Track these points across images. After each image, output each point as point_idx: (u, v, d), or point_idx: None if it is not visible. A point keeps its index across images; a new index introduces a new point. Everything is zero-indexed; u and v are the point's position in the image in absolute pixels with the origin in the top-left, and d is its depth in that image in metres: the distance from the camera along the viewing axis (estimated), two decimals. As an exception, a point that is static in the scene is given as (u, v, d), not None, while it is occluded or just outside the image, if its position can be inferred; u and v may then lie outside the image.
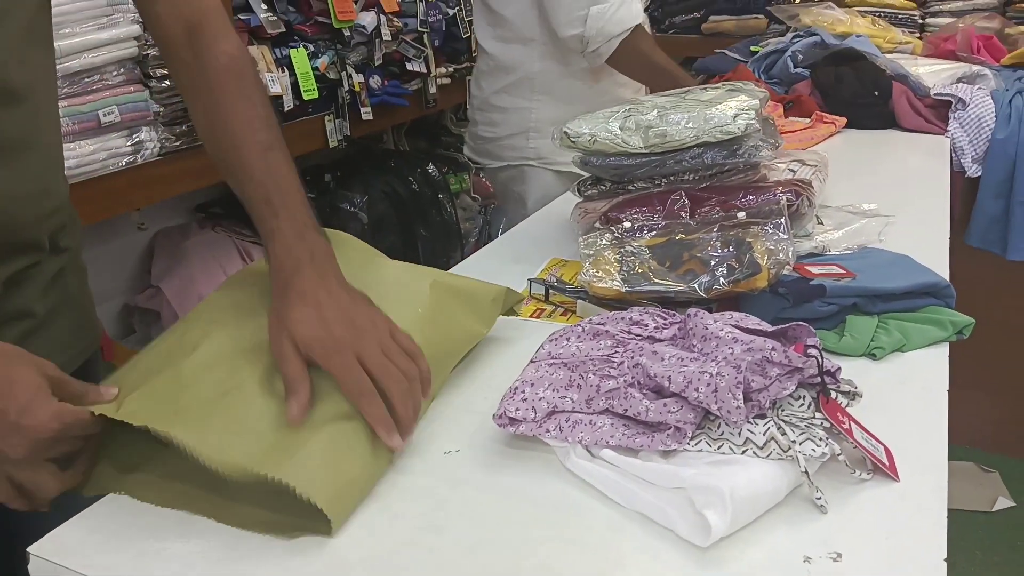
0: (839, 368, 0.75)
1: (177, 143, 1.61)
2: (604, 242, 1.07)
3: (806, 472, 0.67)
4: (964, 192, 2.12)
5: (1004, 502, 2.15)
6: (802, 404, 0.72)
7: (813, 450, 0.68)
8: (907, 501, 0.69)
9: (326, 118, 1.93)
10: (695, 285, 0.95)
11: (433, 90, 2.32)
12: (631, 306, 0.90)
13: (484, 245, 1.46)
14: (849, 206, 1.31)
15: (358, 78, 1.98)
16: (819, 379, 0.72)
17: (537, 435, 0.74)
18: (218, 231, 1.99)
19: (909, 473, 0.72)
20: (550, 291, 1.11)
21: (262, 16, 1.78)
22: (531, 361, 0.83)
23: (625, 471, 0.69)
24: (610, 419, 0.74)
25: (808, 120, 1.90)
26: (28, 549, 0.65)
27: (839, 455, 0.69)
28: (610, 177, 1.20)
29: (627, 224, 1.10)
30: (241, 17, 1.75)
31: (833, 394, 0.74)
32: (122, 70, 1.48)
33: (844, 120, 1.93)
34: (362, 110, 2.00)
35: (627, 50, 1.57)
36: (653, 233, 1.07)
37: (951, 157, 1.97)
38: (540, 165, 1.69)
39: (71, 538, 0.67)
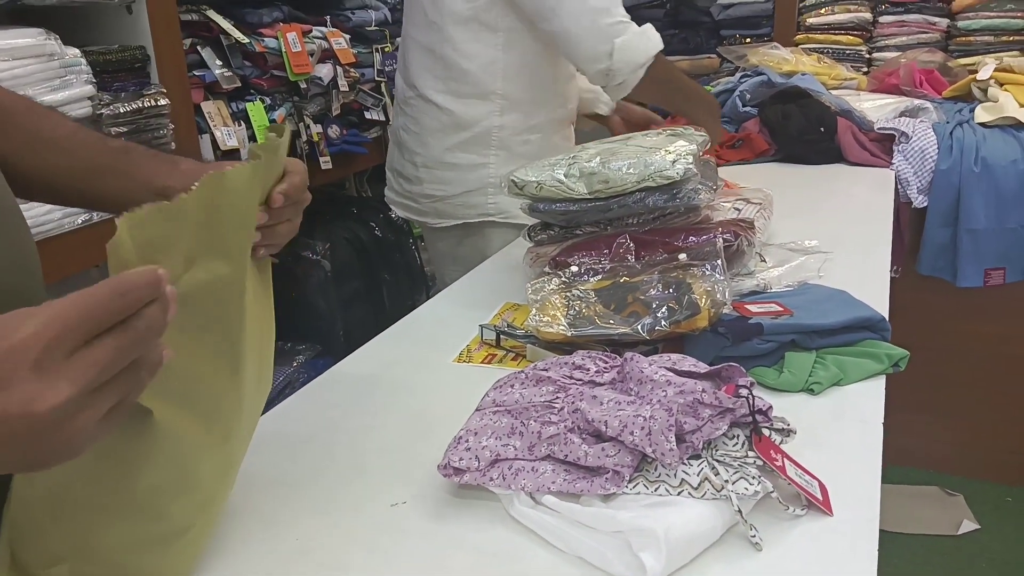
0: (770, 406, 0.77)
1: (134, 199, 1.62)
2: (552, 287, 1.09)
3: (739, 511, 0.68)
4: (913, 222, 2.18)
5: (969, 525, 2.18)
6: (736, 443, 0.74)
7: (746, 489, 0.70)
8: (841, 535, 0.71)
9: (284, 169, 1.95)
10: (638, 327, 0.97)
11: (392, 137, 2.36)
12: (577, 349, 0.92)
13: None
14: (791, 243, 1.35)
15: (316, 128, 2.01)
16: (751, 418, 0.74)
17: (481, 484, 0.76)
18: (179, 284, 1.99)
19: (843, 507, 0.74)
20: (501, 336, 1.13)
21: (217, 72, 1.81)
22: (476, 409, 0.84)
23: (566, 516, 0.71)
24: (552, 465, 0.75)
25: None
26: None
27: (772, 493, 0.71)
28: (558, 222, 1.23)
29: (574, 268, 1.13)
30: (196, 73, 1.78)
31: (767, 431, 0.76)
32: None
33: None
34: (321, 160, 2.02)
35: (652, 77, 1.56)
36: (599, 276, 1.10)
37: (897, 189, 2.03)
38: (503, 220, 1.65)
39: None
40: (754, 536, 0.69)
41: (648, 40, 1.55)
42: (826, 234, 1.42)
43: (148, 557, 0.65)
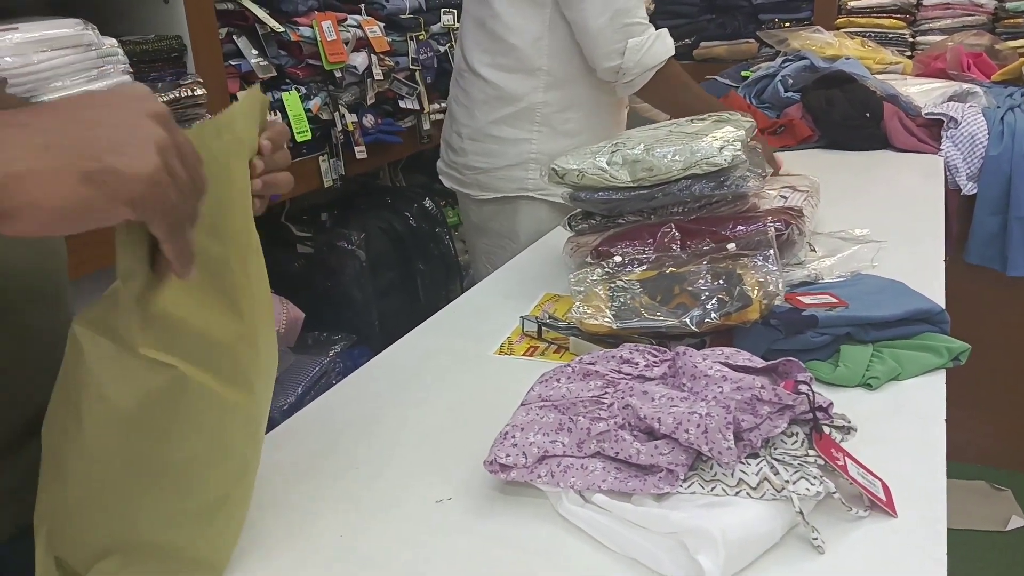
0: (831, 403, 0.74)
1: (171, 189, 1.62)
2: (595, 277, 1.07)
3: (801, 512, 0.66)
4: (961, 210, 2.11)
5: (1017, 520, 2.12)
6: (795, 441, 0.71)
7: (807, 489, 0.67)
8: (905, 536, 0.68)
9: (320, 158, 1.94)
10: (686, 319, 0.94)
11: (427, 126, 2.33)
12: (623, 342, 0.90)
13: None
14: (841, 232, 1.31)
15: (351, 118, 1.99)
16: (811, 416, 0.71)
17: (528, 481, 0.74)
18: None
19: (907, 507, 0.71)
20: (543, 328, 1.11)
21: (253, 61, 1.80)
22: (522, 404, 0.82)
23: (617, 515, 0.68)
24: (601, 462, 0.73)
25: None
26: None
27: (834, 493, 0.68)
28: (600, 211, 1.20)
29: (618, 258, 1.10)
30: (232, 63, 1.77)
31: (827, 429, 0.73)
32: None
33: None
34: (356, 149, 2.01)
35: (659, 80, 1.59)
36: (644, 267, 1.07)
37: (945, 176, 1.97)
38: (540, 197, 1.67)
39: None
40: (816, 538, 0.66)
41: (662, 45, 1.58)
42: (875, 222, 1.37)
43: (191, 532, 0.64)
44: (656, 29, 1.57)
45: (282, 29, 1.84)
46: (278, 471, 0.82)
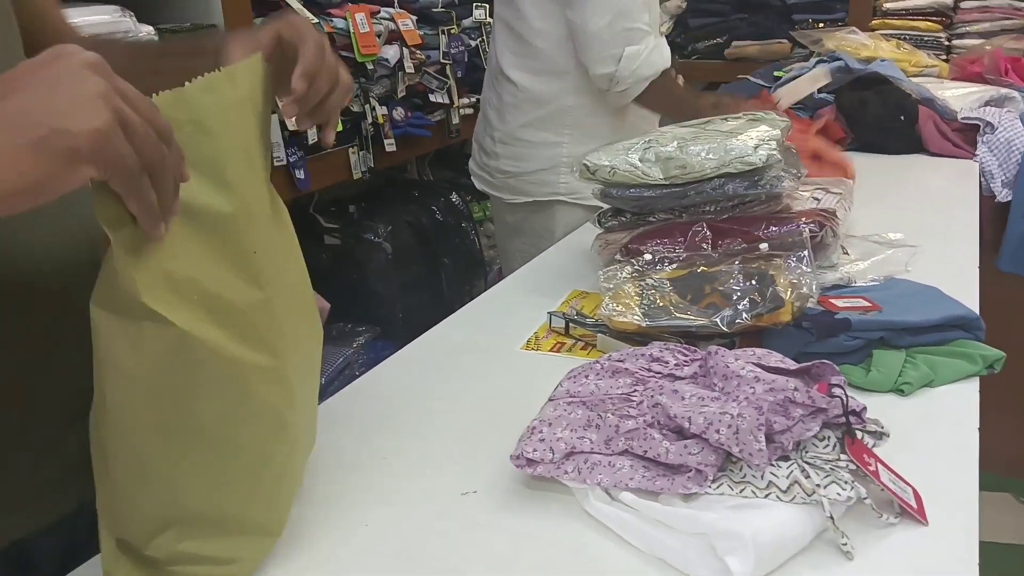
0: (864, 408, 0.73)
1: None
2: (624, 275, 1.06)
3: (831, 517, 0.65)
4: (994, 216, 2.08)
5: (1043, 534, 2.09)
6: (827, 445, 0.70)
7: (838, 494, 0.66)
8: (937, 544, 0.67)
9: (350, 150, 1.94)
10: (717, 319, 0.93)
11: (456, 120, 2.34)
12: (652, 340, 0.89)
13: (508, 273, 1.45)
14: (875, 236, 1.29)
15: (381, 110, 1.99)
16: (844, 419, 0.70)
17: (555, 476, 0.73)
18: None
19: (938, 514, 0.70)
20: (570, 324, 1.10)
21: (286, 51, 1.80)
22: (549, 399, 0.82)
23: (645, 515, 0.68)
24: (630, 460, 0.72)
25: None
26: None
27: (865, 499, 0.67)
28: (631, 208, 1.20)
29: (648, 256, 1.09)
30: (265, 53, 1.78)
31: (859, 434, 0.72)
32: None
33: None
34: (385, 142, 2.01)
35: (653, 90, 1.58)
36: (674, 265, 1.06)
37: (980, 181, 1.94)
38: (572, 200, 1.66)
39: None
40: (845, 544, 0.65)
41: (660, 56, 1.57)
42: (908, 226, 1.35)
43: (240, 498, 0.64)
44: (663, 37, 1.58)
45: (316, 20, 1.84)
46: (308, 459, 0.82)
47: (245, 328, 0.60)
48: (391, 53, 2.02)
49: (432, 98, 2.23)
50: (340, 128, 1.87)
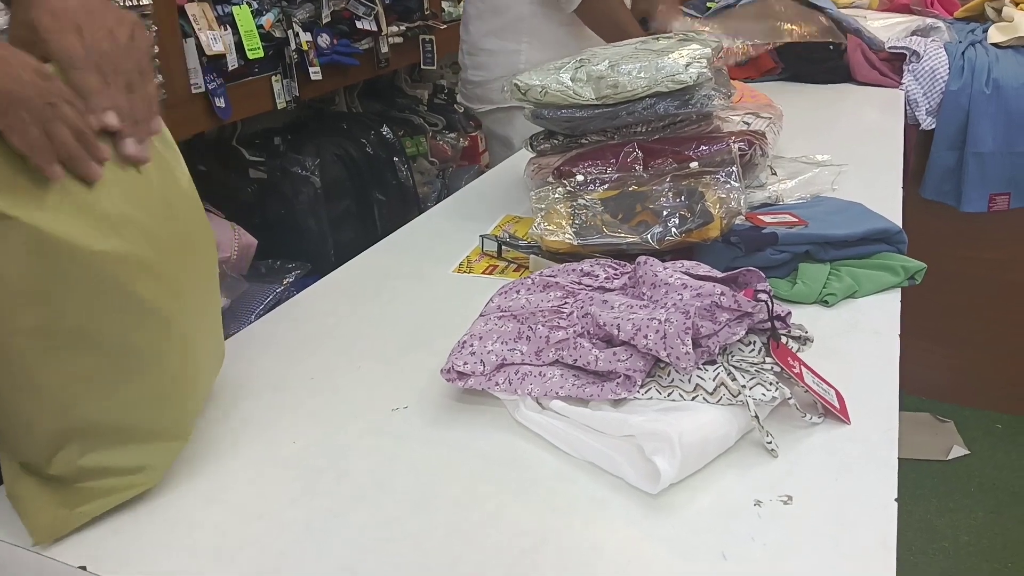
0: (789, 313, 0.74)
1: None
2: (556, 195, 1.05)
3: (756, 416, 0.66)
4: (918, 145, 2.13)
5: (958, 451, 2.19)
6: (752, 349, 0.71)
7: (763, 394, 0.67)
8: (858, 444, 0.69)
9: (273, 78, 1.87)
10: (647, 236, 0.93)
11: (385, 49, 2.26)
12: (584, 259, 0.88)
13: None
14: (803, 157, 1.31)
15: (306, 36, 1.92)
16: (769, 324, 0.71)
17: (486, 388, 0.73)
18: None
19: (860, 417, 0.72)
20: (502, 247, 1.09)
21: (203, -28, 1.71)
22: (480, 314, 0.81)
23: (575, 421, 0.68)
24: (560, 370, 0.72)
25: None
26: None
27: (790, 399, 0.68)
28: (562, 130, 1.18)
29: (580, 178, 1.08)
30: (180, -27, 1.68)
31: (784, 339, 0.73)
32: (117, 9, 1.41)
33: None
34: (310, 70, 1.94)
35: (592, 5, 1.61)
36: (606, 186, 1.05)
37: (905, 110, 1.97)
38: None
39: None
40: (770, 443, 0.67)
41: None
42: (835, 152, 1.37)
43: (136, 400, 0.62)
44: None
45: (233, -62, 1.75)
46: (230, 382, 0.80)
47: (106, 219, 0.58)
48: (315, -24, 1.94)
49: (359, 25, 2.15)
50: (261, 54, 1.79)
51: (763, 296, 0.71)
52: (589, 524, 0.61)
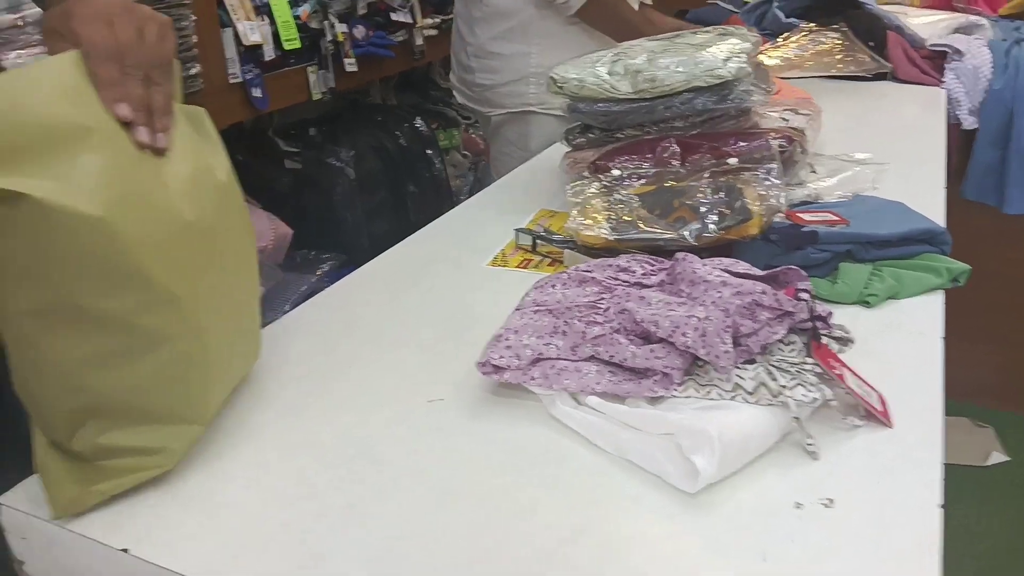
0: (831, 313, 0.73)
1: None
2: (592, 190, 1.04)
3: (797, 418, 0.65)
4: (960, 145, 2.09)
5: (997, 456, 2.15)
6: (792, 349, 0.70)
7: (804, 395, 0.66)
8: (901, 447, 0.68)
9: (309, 69, 1.88)
10: (685, 232, 0.92)
11: (420, 41, 2.27)
12: (620, 254, 0.88)
13: (474, 201, 1.43)
14: (842, 155, 1.28)
15: (341, 28, 1.93)
16: (810, 323, 0.70)
17: (522, 383, 0.73)
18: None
19: (903, 420, 0.71)
20: (537, 241, 1.09)
21: (241, -36, 1.73)
22: (516, 309, 0.81)
23: (611, 417, 0.68)
24: (596, 366, 0.72)
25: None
26: (-1, 500, 0.64)
27: (831, 401, 0.67)
28: (599, 124, 1.17)
29: (616, 172, 1.07)
30: (220, -36, 1.70)
31: (825, 339, 0.72)
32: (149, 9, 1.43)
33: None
34: (346, 61, 1.95)
35: (595, 6, 1.57)
36: (643, 181, 1.04)
37: (947, 109, 1.93)
38: (542, 111, 1.66)
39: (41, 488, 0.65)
40: (811, 444, 0.66)
41: None
42: (876, 151, 1.34)
43: (148, 381, 0.62)
44: None
45: (272, -70, 1.76)
46: (266, 370, 0.81)
47: (116, 195, 0.58)
48: (351, -32, 1.95)
49: (394, 16, 2.16)
50: (298, 45, 1.80)
51: (804, 295, 0.70)
52: (625, 519, 0.61)
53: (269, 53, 1.72)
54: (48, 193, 0.55)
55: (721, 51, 1.07)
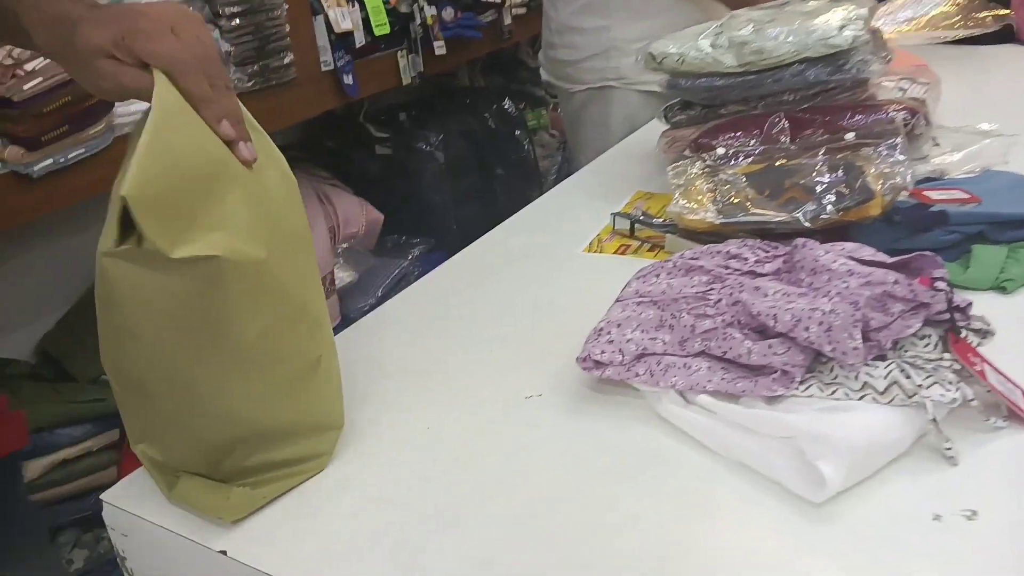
0: (970, 303, 0.66)
1: (250, 83, 1.58)
2: (696, 171, 0.99)
3: (934, 420, 0.59)
4: (1092, 111, 1.92)
5: None
6: (927, 344, 0.64)
7: (942, 395, 0.60)
8: (1050, 451, 0.61)
9: (399, 54, 1.87)
10: (799, 214, 0.86)
11: (508, 21, 2.23)
12: (727, 239, 0.82)
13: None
14: (967, 126, 1.18)
15: (430, 11, 1.91)
16: (948, 315, 0.63)
17: (625, 380, 0.68)
18: (296, 174, 1.97)
19: (1051, 420, 0.63)
20: (636, 225, 1.04)
21: (331, -50, 1.72)
22: (617, 300, 0.77)
23: (724, 417, 0.63)
24: (707, 362, 0.67)
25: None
26: (101, 496, 0.64)
27: (971, 400, 0.61)
28: (700, 101, 1.11)
29: (720, 151, 1.01)
30: (310, -48, 1.70)
31: (963, 332, 0.65)
32: (190, 10, 1.45)
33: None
34: (435, 44, 1.93)
35: None
36: (750, 159, 0.98)
37: (1080, 72, 1.78)
38: (622, 86, 1.61)
39: (142, 486, 0.65)
40: (949, 449, 0.59)
41: None
42: (1002, 120, 1.24)
43: (298, 401, 0.63)
44: None
45: (358, -85, 1.75)
46: (361, 365, 0.79)
47: (247, 227, 0.56)
48: (439, -51, 1.92)
49: (482, -3, 2.13)
50: (388, 30, 1.79)
51: (941, 284, 0.63)
52: (739, 530, 0.56)
53: (360, 39, 1.72)
54: (225, 251, 0.53)
55: (835, 18, 1.00)
